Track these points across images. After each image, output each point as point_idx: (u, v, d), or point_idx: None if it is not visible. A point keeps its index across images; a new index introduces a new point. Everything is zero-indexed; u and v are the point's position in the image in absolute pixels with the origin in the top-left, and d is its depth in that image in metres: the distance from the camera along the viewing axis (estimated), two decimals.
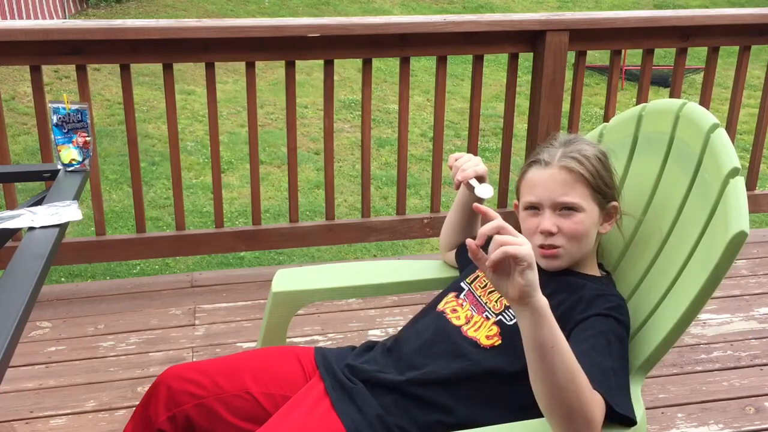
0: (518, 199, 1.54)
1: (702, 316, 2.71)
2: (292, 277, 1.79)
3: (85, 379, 2.35)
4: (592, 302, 1.40)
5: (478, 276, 1.55)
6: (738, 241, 1.30)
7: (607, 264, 1.63)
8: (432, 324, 1.49)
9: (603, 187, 1.47)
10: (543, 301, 1.15)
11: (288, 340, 1.80)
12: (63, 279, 4.49)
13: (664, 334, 1.38)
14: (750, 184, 3.29)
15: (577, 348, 1.25)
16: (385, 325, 2.67)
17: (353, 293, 1.87)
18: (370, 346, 1.58)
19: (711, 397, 2.31)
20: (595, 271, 1.53)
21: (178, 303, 2.79)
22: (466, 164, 1.58)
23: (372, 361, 1.50)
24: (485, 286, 1.52)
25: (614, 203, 1.50)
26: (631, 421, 1.28)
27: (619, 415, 1.25)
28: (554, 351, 1.15)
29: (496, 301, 1.47)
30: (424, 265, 1.87)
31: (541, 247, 1.46)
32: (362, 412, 1.38)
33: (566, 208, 1.44)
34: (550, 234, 1.44)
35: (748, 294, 2.89)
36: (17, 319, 1.13)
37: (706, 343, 2.58)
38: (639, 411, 1.35)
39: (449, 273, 1.77)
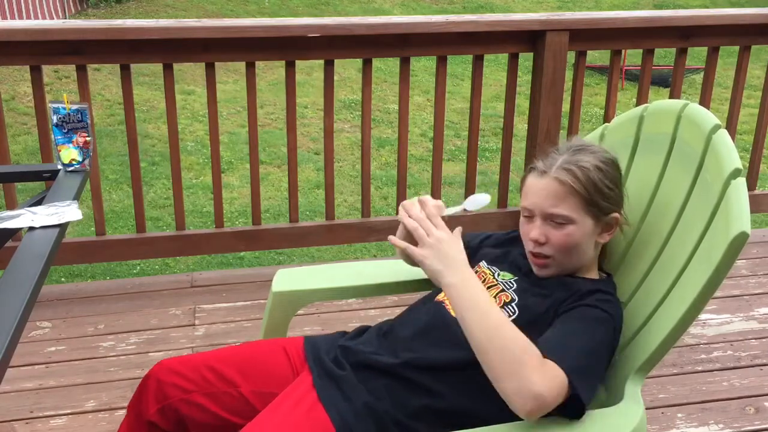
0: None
1: (702, 316, 2.71)
2: (292, 277, 1.79)
3: (85, 379, 2.35)
4: (583, 296, 1.41)
5: (477, 270, 1.56)
6: (739, 242, 1.30)
7: (607, 264, 1.63)
8: (431, 312, 1.50)
9: (598, 200, 1.45)
10: (451, 280, 1.32)
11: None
12: (63, 279, 4.49)
13: (665, 334, 1.38)
14: (750, 184, 3.29)
15: (552, 329, 1.34)
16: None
17: (353, 293, 1.87)
18: (362, 330, 1.58)
19: (711, 397, 2.31)
20: (594, 275, 1.53)
21: (178, 303, 2.79)
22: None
23: (367, 343, 1.50)
24: (484, 281, 1.52)
25: (614, 215, 1.49)
26: (581, 405, 1.28)
27: (574, 397, 1.26)
28: (465, 318, 1.29)
29: (494, 297, 1.47)
30: None
31: (532, 254, 1.48)
32: (349, 400, 1.39)
33: (557, 221, 1.45)
34: (538, 243, 1.46)
35: (748, 294, 2.89)
36: (17, 319, 1.13)
37: (706, 343, 2.58)
38: (639, 411, 1.35)
39: None
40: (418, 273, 1.86)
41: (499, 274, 1.53)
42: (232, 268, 4.64)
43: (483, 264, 1.57)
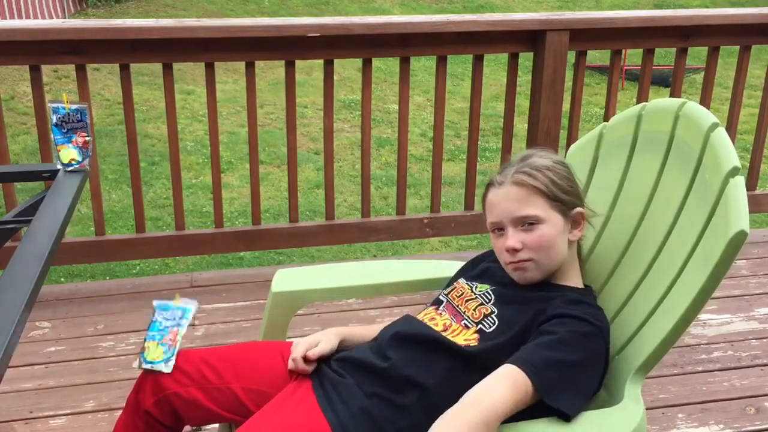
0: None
1: (702, 316, 2.71)
2: (292, 277, 1.79)
3: (84, 379, 2.35)
4: (570, 304, 1.41)
5: (454, 287, 1.57)
6: (738, 241, 1.30)
7: (606, 264, 1.63)
8: (409, 324, 1.51)
9: (560, 195, 1.46)
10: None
11: (288, 340, 1.80)
12: (63, 279, 4.49)
13: (664, 335, 1.38)
14: (750, 184, 3.29)
15: (530, 343, 1.34)
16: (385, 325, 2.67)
17: (353, 293, 1.87)
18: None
19: (711, 398, 2.31)
20: (575, 282, 1.52)
21: None
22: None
23: (359, 351, 1.52)
24: (461, 295, 1.53)
25: (579, 210, 1.50)
26: (565, 416, 1.29)
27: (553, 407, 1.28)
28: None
29: (474, 309, 1.47)
30: (424, 265, 1.87)
31: (512, 263, 1.48)
32: (346, 404, 1.39)
33: (528, 223, 1.45)
34: (515, 251, 1.46)
35: (749, 294, 2.89)
36: (17, 319, 1.13)
37: (706, 344, 2.58)
38: (639, 411, 1.35)
39: (449, 273, 1.76)
40: (418, 273, 1.86)
41: (476, 287, 1.53)
42: (231, 268, 4.64)
43: (462, 280, 1.58)
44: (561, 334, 1.34)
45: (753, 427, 2.19)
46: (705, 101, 3.07)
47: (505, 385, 1.27)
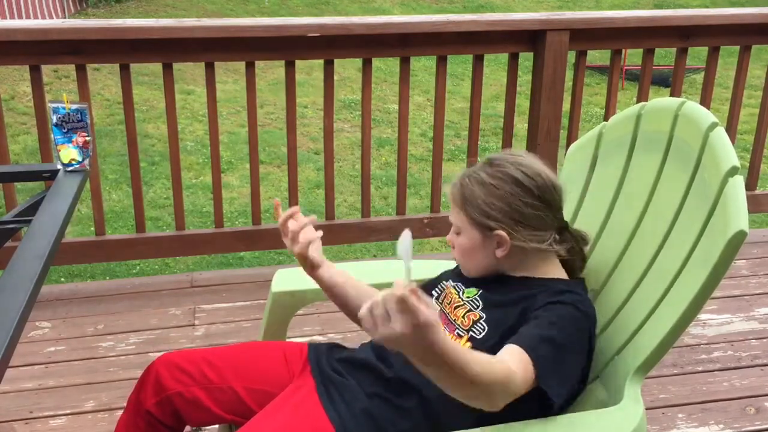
0: None
1: (702, 316, 2.71)
2: (292, 277, 1.78)
3: (84, 379, 2.35)
4: (555, 294, 1.41)
5: (444, 292, 1.57)
6: (737, 241, 1.29)
7: (605, 264, 1.63)
8: None
9: (474, 214, 1.44)
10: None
11: (288, 340, 1.80)
12: (63, 279, 4.49)
13: (664, 334, 1.38)
14: (750, 184, 3.29)
15: (526, 326, 1.34)
16: None
17: None
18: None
19: (711, 398, 2.31)
20: (558, 275, 1.50)
21: (178, 303, 2.79)
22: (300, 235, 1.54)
23: (360, 351, 1.52)
24: (450, 302, 1.53)
25: (498, 232, 1.43)
26: (549, 400, 1.28)
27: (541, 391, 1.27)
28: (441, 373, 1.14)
29: (463, 317, 1.47)
30: (424, 265, 1.87)
31: None
32: (349, 405, 1.40)
33: (453, 227, 1.50)
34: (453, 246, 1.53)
35: (749, 294, 2.89)
36: (17, 319, 1.13)
37: (706, 344, 2.58)
38: (639, 411, 1.35)
39: None
40: (417, 273, 1.86)
41: (463, 292, 1.53)
42: (231, 268, 4.64)
43: (450, 283, 1.58)
44: (549, 317, 1.35)
45: (753, 427, 2.19)
46: (705, 101, 3.07)
47: (513, 362, 1.25)
